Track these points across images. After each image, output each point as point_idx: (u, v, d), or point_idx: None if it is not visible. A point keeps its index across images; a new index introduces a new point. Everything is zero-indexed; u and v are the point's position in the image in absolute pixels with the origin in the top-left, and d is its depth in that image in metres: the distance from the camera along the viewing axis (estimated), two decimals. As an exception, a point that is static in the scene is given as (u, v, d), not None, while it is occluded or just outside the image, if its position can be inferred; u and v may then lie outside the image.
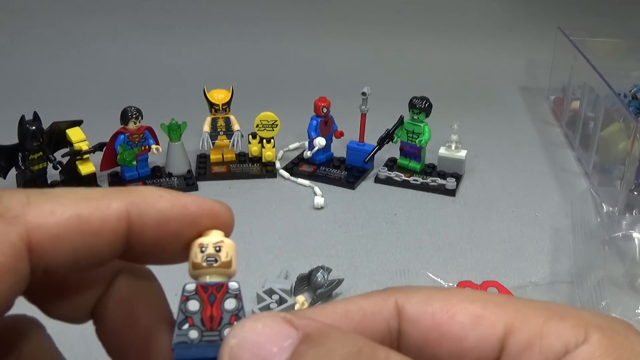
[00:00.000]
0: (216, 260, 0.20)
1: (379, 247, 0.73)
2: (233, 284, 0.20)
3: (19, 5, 1.33)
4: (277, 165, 0.92)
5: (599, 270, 0.63)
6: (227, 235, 0.21)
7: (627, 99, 1.02)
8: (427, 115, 0.87)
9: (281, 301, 0.59)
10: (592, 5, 1.41)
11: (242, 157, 0.92)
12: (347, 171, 0.90)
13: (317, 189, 0.85)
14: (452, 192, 0.86)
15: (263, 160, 0.91)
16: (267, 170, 0.90)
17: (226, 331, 0.19)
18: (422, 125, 0.87)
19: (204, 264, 0.20)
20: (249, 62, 1.36)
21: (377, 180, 0.89)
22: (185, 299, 0.20)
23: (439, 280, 0.64)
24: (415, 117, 0.87)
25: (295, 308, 0.60)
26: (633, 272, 0.64)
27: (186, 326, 0.19)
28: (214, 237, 0.20)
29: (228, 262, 0.20)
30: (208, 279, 0.20)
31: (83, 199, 0.19)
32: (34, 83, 1.24)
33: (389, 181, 0.88)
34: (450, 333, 0.18)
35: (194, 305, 0.20)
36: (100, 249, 0.19)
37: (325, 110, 0.90)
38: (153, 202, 0.20)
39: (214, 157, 0.91)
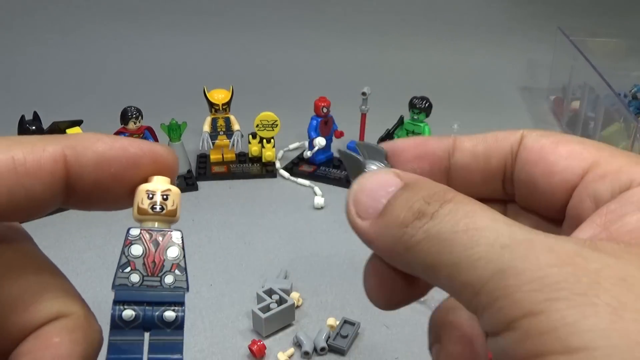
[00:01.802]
0: (162, 208, 0.20)
1: (379, 247, 0.73)
2: (176, 233, 0.20)
3: (19, 5, 1.33)
4: (277, 165, 0.92)
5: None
6: (172, 181, 0.21)
7: (627, 99, 1.02)
8: (427, 115, 0.87)
9: (281, 301, 0.59)
10: (592, 5, 1.41)
11: (242, 157, 0.92)
12: (347, 171, 0.90)
13: (317, 189, 0.85)
14: (452, 192, 0.85)
15: (263, 160, 0.91)
16: (267, 170, 0.90)
17: (167, 278, 0.20)
18: (422, 125, 0.87)
19: (150, 210, 0.20)
20: (249, 62, 1.36)
21: (377, 180, 0.89)
22: (128, 242, 0.20)
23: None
24: (415, 117, 0.87)
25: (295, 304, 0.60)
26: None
27: (128, 269, 0.19)
28: (161, 185, 0.21)
29: (174, 210, 0.20)
30: (155, 225, 0.20)
31: (18, 143, 0.19)
32: (34, 83, 1.24)
33: (389, 181, 0.88)
34: (548, 157, 0.22)
35: (137, 249, 0.20)
36: (38, 193, 0.19)
37: (325, 110, 0.90)
38: (90, 145, 0.20)
39: (214, 157, 0.91)
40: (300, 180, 0.88)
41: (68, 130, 0.83)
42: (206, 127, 0.88)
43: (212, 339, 0.57)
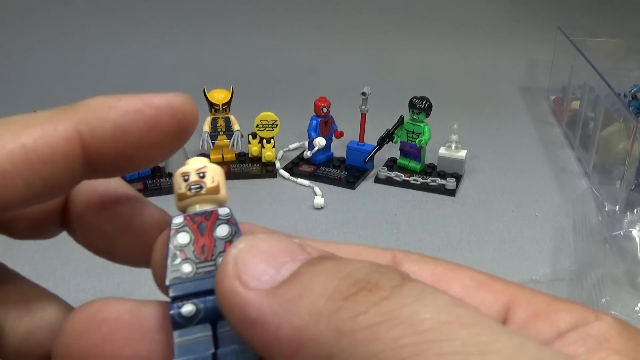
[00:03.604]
0: (201, 187, 0.18)
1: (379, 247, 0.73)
2: (223, 209, 0.19)
3: (19, 5, 1.33)
4: (277, 165, 0.92)
5: (599, 268, 0.63)
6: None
7: (627, 99, 1.02)
8: (427, 115, 0.87)
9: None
10: (592, 5, 1.41)
11: (242, 157, 0.92)
12: (347, 171, 0.90)
13: (317, 189, 0.85)
14: (452, 192, 0.86)
15: (263, 160, 0.91)
16: (267, 170, 0.90)
17: (221, 259, 0.17)
18: (422, 125, 0.87)
19: (189, 192, 0.18)
20: (249, 62, 1.36)
21: (377, 180, 0.89)
22: (174, 233, 0.18)
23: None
24: (415, 117, 0.87)
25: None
26: (633, 270, 0.64)
27: (178, 260, 0.18)
28: (195, 164, 0.19)
29: (215, 187, 0.19)
30: (198, 208, 0.18)
31: (25, 126, 0.17)
32: (34, 83, 1.24)
33: (389, 181, 0.88)
34: (450, 291, 0.15)
35: (184, 237, 0.18)
36: (56, 177, 0.18)
37: (325, 110, 0.90)
38: (103, 115, 0.18)
39: (214, 157, 0.91)
40: (300, 180, 0.88)
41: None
42: (206, 127, 0.88)
43: (212, 339, 0.57)
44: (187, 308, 0.17)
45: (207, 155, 0.92)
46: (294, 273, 0.15)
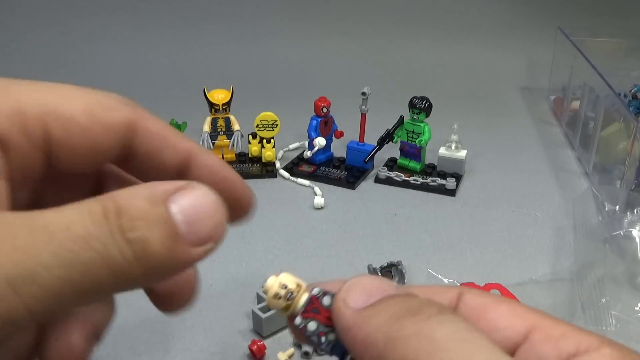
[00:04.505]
0: (292, 292, 0.23)
1: (379, 247, 0.73)
2: (314, 290, 0.23)
3: (19, 5, 1.33)
4: (277, 165, 0.92)
5: (599, 268, 0.63)
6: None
7: (627, 99, 1.02)
8: (427, 115, 0.87)
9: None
10: (592, 5, 1.41)
11: (242, 157, 0.92)
12: (347, 171, 0.90)
13: (317, 189, 0.85)
14: (452, 192, 0.86)
15: (263, 160, 0.91)
16: (267, 170, 0.90)
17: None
18: (422, 125, 0.87)
19: (289, 302, 0.24)
20: (249, 62, 1.36)
21: (377, 180, 0.89)
22: (304, 329, 0.23)
23: (438, 276, 0.64)
24: (415, 117, 0.87)
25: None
26: (633, 270, 0.64)
27: (324, 339, 0.23)
28: (272, 288, 0.23)
29: (298, 284, 0.24)
30: (301, 303, 0.23)
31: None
32: (34, 83, 1.24)
33: (389, 181, 0.88)
34: (490, 314, 0.23)
35: (313, 325, 0.23)
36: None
37: (325, 110, 0.90)
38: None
39: (214, 157, 0.91)
40: (300, 180, 0.88)
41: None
42: (206, 127, 0.88)
43: (212, 339, 0.57)
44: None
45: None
46: (377, 302, 0.21)
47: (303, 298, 0.23)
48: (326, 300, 0.23)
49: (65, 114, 0.22)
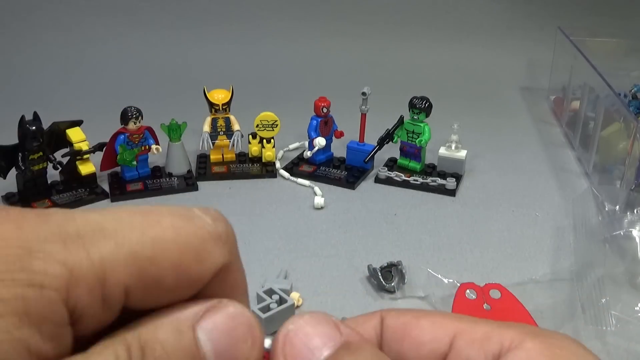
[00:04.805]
0: None
1: (379, 247, 0.73)
2: (266, 343, 0.21)
3: (19, 5, 1.33)
4: (277, 165, 0.92)
5: (599, 268, 0.63)
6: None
7: (627, 99, 1.02)
8: (427, 115, 0.87)
9: (281, 301, 0.59)
10: (592, 5, 1.41)
11: (242, 157, 0.92)
12: (347, 171, 0.90)
13: (317, 189, 0.85)
14: (452, 192, 0.86)
15: (263, 160, 0.91)
16: (267, 170, 0.90)
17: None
18: (422, 125, 0.87)
19: None
20: (249, 62, 1.36)
21: (377, 180, 0.89)
22: None
23: (438, 276, 0.64)
24: (415, 117, 0.87)
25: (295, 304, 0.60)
26: (633, 270, 0.64)
27: None
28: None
29: None
30: None
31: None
32: (34, 83, 1.24)
33: (389, 181, 0.88)
34: (412, 331, 0.23)
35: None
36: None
37: (325, 110, 0.90)
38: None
39: (214, 157, 0.91)
40: (300, 180, 0.88)
41: (68, 131, 0.83)
42: (206, 127, 0.88)
43: (212, 339, 0.57)
44: None
45: (207, 155, 0.92)
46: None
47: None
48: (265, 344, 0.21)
49: (151, 273, 0.18)
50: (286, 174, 0.89)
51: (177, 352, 0.18)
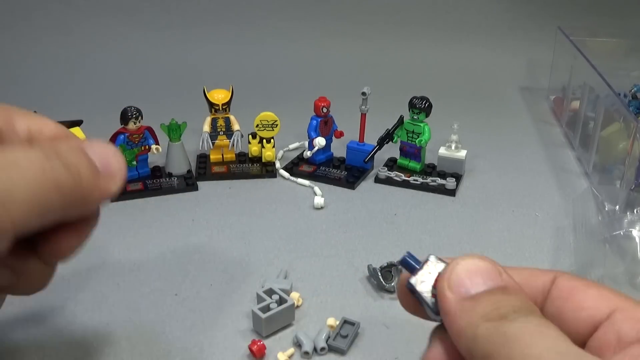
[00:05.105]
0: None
1: (379, 247, 0.73)
2: (430, 257, 0.30)
3: (19, 5, 1.33)
4: (277, 165, 0.92)
5: (599, 268, 0.63)
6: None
7: (627, 99, 1.02)
8: (427, 115, 0.87)
9: (281, 301, 0.59)
10: (592, 5, 1.41)
11: (242, 157, 0.92)
12: (347, 171, 0.90)
13: (317, 189, 0.85)
14: (452, 192, 0.86)
15: (263, 160, 0.91)
16: (267, 170, 0.90)
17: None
18: (422, 125, 0.87)
19: None
20: (249, 62, 1.36)
21: (377, 180, 0.89)
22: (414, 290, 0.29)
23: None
24: (415, 117, 0.87)
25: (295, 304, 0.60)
26: (633, 270, 0.64)
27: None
28: None
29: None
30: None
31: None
32: (34, 83, 1.24)
33: (389, 181, 0.88)
34: (578, 294, 0.26)
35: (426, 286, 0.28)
36: None
37: (325, 110, 0.90)
38: None
39: (214, 157, 0.91)
40: (300, 180, 0.88)
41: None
42: (206, 127, 0.88)
43: (212, 339, 0.57)
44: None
45: (207, 155, 0.92)
46: (481, 293, 0.25)
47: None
48: (438, 268, 0.27)
49: None
50: (286, 174, 0.89)
51: (81, 161, 0.29)
